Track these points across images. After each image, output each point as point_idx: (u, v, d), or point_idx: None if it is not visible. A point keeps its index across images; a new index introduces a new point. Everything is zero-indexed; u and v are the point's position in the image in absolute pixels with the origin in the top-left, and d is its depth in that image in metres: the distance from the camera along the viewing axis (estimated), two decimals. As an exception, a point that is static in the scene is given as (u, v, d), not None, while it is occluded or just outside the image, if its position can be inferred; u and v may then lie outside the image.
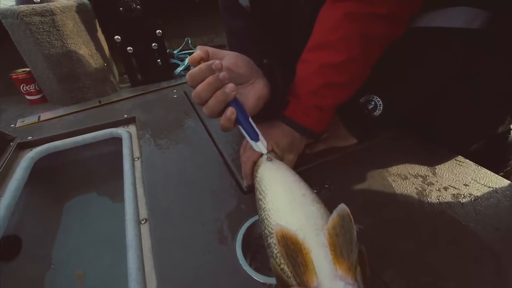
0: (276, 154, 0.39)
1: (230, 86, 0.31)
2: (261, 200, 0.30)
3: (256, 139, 0.34)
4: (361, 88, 0.42)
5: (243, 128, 0.34)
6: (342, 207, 0.23)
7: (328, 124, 0.43)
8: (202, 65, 0.31)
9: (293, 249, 0.22)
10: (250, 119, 0.34)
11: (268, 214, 0.28)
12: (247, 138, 0.35)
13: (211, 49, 0.34)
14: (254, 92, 0.36)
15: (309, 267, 0.21)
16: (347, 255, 0.21)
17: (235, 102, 0.33)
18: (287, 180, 0.31)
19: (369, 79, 0.42)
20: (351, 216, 0.23)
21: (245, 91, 0.36)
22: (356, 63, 0.38)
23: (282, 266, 0.23)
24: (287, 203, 0.28)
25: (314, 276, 0.21)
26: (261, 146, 0.35)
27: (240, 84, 0.36)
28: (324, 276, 0.21)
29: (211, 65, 0.31)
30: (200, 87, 0.31)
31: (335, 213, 0.24)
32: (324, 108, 0.40)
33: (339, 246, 0.22)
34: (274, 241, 0.24)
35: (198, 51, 0.32)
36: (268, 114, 0.41)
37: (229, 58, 0.35)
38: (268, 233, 0.26)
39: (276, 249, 0.24)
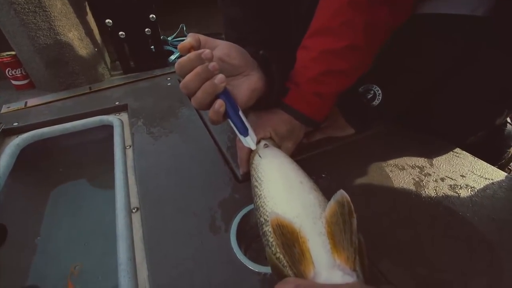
0: (273, 141, 0.38)
1: (219, 77, 0.30)
2: (257, 187, 0.29)
3: (245, 133, 0.33)
4: (360, 77, 0.41)
5: (232, 122, 0.32)
6: (341, 193, 0.22)
7: (329, 112, 0.42)
8: (191, 54, 0.29)
9: (289, 238, 0.22)
10: (241, 113, 0.33)
11: (264, 202, 0.27)
12: (236, 132, 0.33)
13: (203, 37, 0.32)
14: (248, 84, 0.35)
15: (305, 256, 0.21)
16: (346, 244, 0.20)
17: (225, 94, 0.31)
18: (284, 167, 0.30)
19: (369, 68, 0.41)
20: (351, 203, 0.22)
21: (238, 83, 0.35)
22: (358, 49, 0.37)
23: (278, 255, 0.22)
24: (283, 190, 0.27)
25: (311, 266, 0.20)
26: (250, 141, 0.33)
27: (233, 76, 0.35)
28: (321, 265, 0.20)
29: (201, 55, 0.29)
30: (188, 77, 0.29)
31: (333, 200, 0.23)
32: (324, 96, 0.39)
33: (337, 235, 0.21)
34: (269, 229, 0.23)
35: (189, 39, 0.31)
36: (262, 106, 0.40)
37: (222, 47, 0.33)
38: (263, 221, 0.25)
39: (272, 237, 0.23)
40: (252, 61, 0.36)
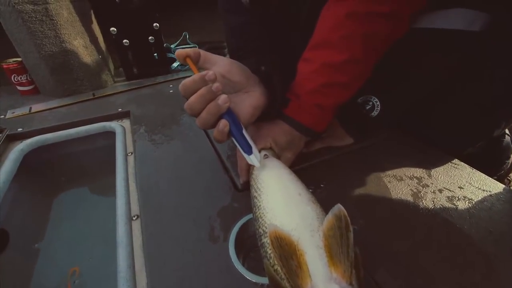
0: (273, 151, 0.38)
1: (222, 97, 0.31)
2: (256, 198, 0.30)
3: (249, 152, 0.33)
4: (359, 88, 0.42)
5: (236, 140, 0.33)
6: (339, 207, 0.23)
7: (329, 123, 0.43)
8: (196, 76, 0.30)
9: (287, 250, 0.22)
10: (244, 131, 0.33)
11: (262, 213, 0.27)
12: (240, 151, 0.34)
13: (203, 52, 0.33)
14: (250, 102, 0.35)
15: (303, 269, 0.21)
16: (343, 258, 0.20)
17: (228, 113, 0.32)
18: (284, 179, 0.31)
19: (368, 79, 0.42)
20: (348, 218, 0.22)
21: (240, 100, 0.35)
22: (358, 62, 0.37)
23: (275, 267, 0.22)
24: (282, 202, 0.28)
25: (308, 279, 0.20)
26: (254, 159, 0.33)
27: (234, 92, 0.35)
28: (318, 278, 0.20)
29: (205, 76, 0.30)
30: (192, 98, 0.31)
31: (330, 214, 0.23)
32: (325, 107, 0.39)
33: (334, 248, 0.21)
34: (268, 241, 0.24)
35: (188, 49, 0.32)
36: (263, 119, 0.40)
37: (223, 64, 0.34)
38: (262, 232, 0.26)
39: (270, 249, 0.23)
40: (253, 77, 0.37)
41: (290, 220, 0.25)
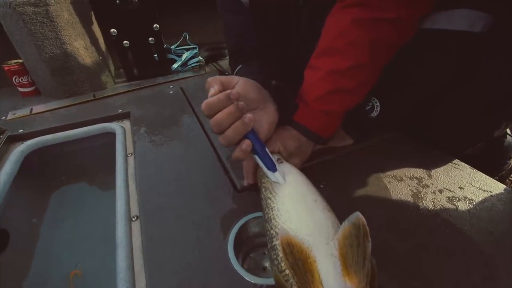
0: (282, 156, 0.38)
1: (248, 116, 0.31)
2: (270, 198, 0.29)
3: (273, 169, 0.32)
4: (366, 94, 0.42)
5: (261, 159, 0.33)
6: (357, 215, 0.22)
7: (336, 128, 0.43)
8: (221, 95, 0.31)
9: (298, 257, 0.21)
10: (267, 149, 0.33)
11: (277, 214, 0.27)
12: (264, 169, 0.33)
13: (223, 78, 0.34)
14: (267, 119, 0.36)
15: (314, 277, 0.20)
16: (359, 268, 0.20)
17: (251, 132, 0.32)
18: (300, 184, 0.31)
19: None
20: (367, 227, 0.21)
21: (258, 117, 0.36)
22: (364, 68, 0.38)
23: (286, 272, 0.22)
24: (298, 206, 0.27)
25: (320, 287, 0.20)
26: (278, 176, 0.32)
27: (251, 110, 0.36)
28: (331, 287, 0.20)
29: (229, 95, 0.31)
30: (220, 116, 0.31)
31: (347, 222, 0.22)
32: (332, 114, 0.40)
33: (350, 258, 0.21)
34: (279, 243, 0.23)
35: (215, 86, 0.33)
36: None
37: (240, 84, 0.35)
38: (274, 233, 0.25)
39: (281, 251, 0.23)
40: (266, 93, 0.38)
41: (305, 225, 0.24)
